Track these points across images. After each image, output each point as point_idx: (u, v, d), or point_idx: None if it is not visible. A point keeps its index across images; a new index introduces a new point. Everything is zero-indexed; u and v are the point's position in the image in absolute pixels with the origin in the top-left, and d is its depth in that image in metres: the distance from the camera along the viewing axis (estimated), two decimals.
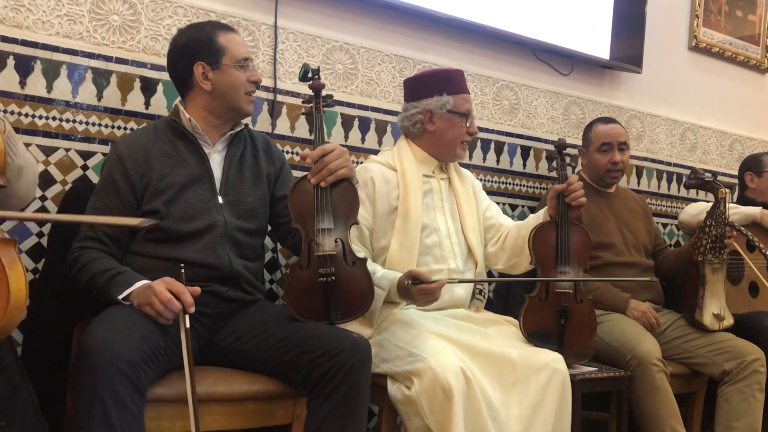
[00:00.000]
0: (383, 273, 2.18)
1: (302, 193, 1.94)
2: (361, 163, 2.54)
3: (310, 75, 2.08)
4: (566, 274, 2.30)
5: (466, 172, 2.57)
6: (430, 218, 2.35)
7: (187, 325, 1.68)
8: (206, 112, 2.02)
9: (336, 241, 1.92)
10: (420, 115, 2.38)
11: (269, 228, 2.20)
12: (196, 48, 2.00)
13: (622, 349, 2.56)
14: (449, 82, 2.40)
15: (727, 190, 2.77)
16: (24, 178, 1.70)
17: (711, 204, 2.79)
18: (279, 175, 2.15)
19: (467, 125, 2.39)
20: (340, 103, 2.76)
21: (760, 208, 3.14)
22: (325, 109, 2.09)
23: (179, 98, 2.10)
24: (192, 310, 1.70)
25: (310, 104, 2.08)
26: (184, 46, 2.02)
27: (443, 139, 2.38)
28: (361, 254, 2.02)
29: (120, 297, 1.76)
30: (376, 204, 2.28)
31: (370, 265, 2.15)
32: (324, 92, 2.07)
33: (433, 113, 2.37)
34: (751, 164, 3.42)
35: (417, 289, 2.03)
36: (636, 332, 2.63)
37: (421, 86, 2.42)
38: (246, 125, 2.14)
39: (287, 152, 2.64)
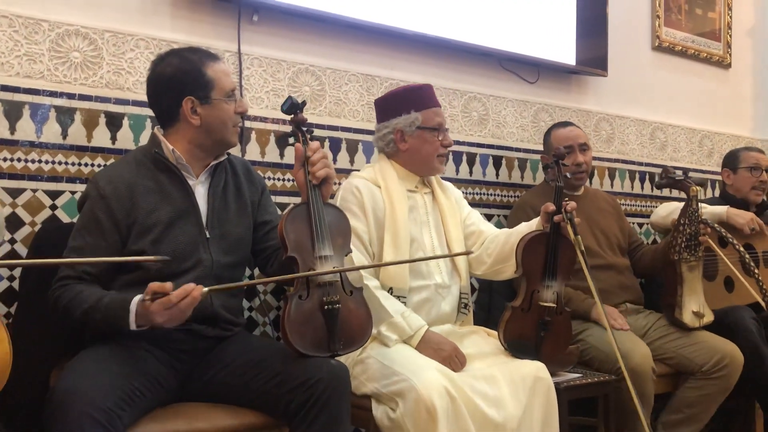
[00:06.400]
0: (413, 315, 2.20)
1: (298, 220, 1.89)
2: (338, 183, 2.54)
3: (293, 109, 2.03)
4: (550, 288, 2.30)
5: (447, 183, 2.56)
6: (416, 234, 2.34)
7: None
8: (192, 145, 1.96)
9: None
10: (391, 135, 2.39)
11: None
12: (184, 81, 1.91)
13: (614, 356, 2.54)
14: (417, 98, 2.41)
15: (699, 188, 2.78)
16: None
17: (682, 203, 2.81)
18: (260, 200, 2.12)
19: (440, 138, 2.39)
20: (310, 125, 2.74)
21: (727, 207, 3.17)
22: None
23: (157, 127, 2.02)
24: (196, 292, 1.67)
25: (294, 136, 2.03)
26: (170, 79, 1.92)
27: (418, 156, 2.39)
28: (358, 284, 1.99)
29: (134, 328, 1.68)
30: (367, 214, 2.27)
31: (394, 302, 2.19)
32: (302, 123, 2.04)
33: (404, 132, 2.38)
34: (728, 160, 3.47)
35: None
36: (626, 340, 2.56)
37: (390, 106, 2.43)
38: (228, 153, 2.10)
39: None
